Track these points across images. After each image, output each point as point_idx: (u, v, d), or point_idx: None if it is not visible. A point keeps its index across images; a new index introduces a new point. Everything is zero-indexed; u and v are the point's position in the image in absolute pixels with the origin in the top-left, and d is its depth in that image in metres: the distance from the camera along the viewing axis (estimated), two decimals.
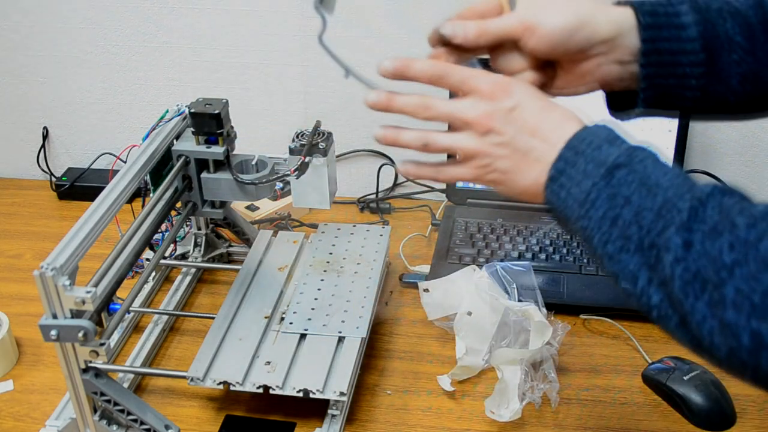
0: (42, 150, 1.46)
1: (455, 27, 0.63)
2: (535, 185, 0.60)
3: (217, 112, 0.98)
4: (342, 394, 0.88)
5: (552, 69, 0.66)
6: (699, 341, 0.50)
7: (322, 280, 1.05)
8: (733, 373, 0.51)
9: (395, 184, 1.40)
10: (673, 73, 0.62)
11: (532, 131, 0.60)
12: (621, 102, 0.67)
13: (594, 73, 0.63)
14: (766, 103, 0.64)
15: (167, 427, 0.86)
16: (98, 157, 1.40)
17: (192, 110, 0.99)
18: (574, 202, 0.57)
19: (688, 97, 0.63)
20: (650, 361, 0.99)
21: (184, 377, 0.89)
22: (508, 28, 0.62)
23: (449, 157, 0.66)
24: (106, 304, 0.82)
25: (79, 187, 1.39)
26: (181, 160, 1.01)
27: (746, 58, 0.62)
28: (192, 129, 1.00)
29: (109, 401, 0.85)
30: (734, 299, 0.47)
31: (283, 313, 0.99)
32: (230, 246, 1.20)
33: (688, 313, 0.50)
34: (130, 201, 0.95)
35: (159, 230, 1.01)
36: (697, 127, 1.27)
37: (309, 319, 0.98)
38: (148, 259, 1.08)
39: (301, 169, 0.98)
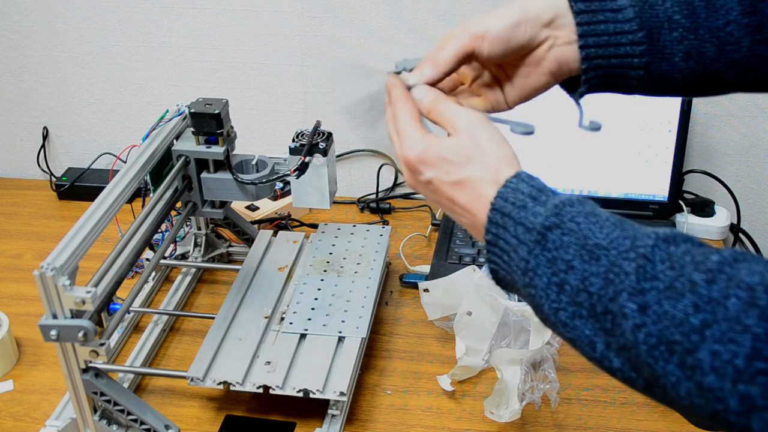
0: (42, 150, 1.46)
1: (414, 76, 0.65)
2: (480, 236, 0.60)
3: (217, 112, 0.98)
4: (342, 394, 0.88)
5: (511, 70, 0.67)
6: (675, 401, 0.48)
7: (322, 280, 1.05)
8: (708, 427, 0.49)
9: (395, 184, 1.40)
10: (615, 54, 0.63)
11: (451, 200, 0.60)
12: (577, 84, 0.67)
13: (548, 57, 0.64)
14: (714, 80, 0.65)
15: (167, 427, 0.86)
16: (98, 157, 1.40)
17: (192, 110, 0.99)
18: (517, 269, 0.55)
19: (632, 77, 0.64)
20: None
21: (184, 377, 0.89)
22: (461, 46, 0.64)
23: None
24: (106, 304, 0.82)
25: (79, 187, 1.39)
26: (181, 160, 1.01)
27: (687, 36, 0.62)
28: (192, 129, 1.00)
29: (109, 401, 0.85)
30: (712, 364, 0.44)
31: (283, 313, 0.99)
32: (230, 246, 1.20)
33: (660, 376, 0.47)
34: (130, 201, 0.95)
35: (159, 230, 1.01)
36: (697, 128, 1.27)
37: (309, 319, 0.98)
38: (148, 259, 1.08)
39: (301, 169, 0.98)
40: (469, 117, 0.61)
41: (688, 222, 1.25)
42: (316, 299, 1.01)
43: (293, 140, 0.99)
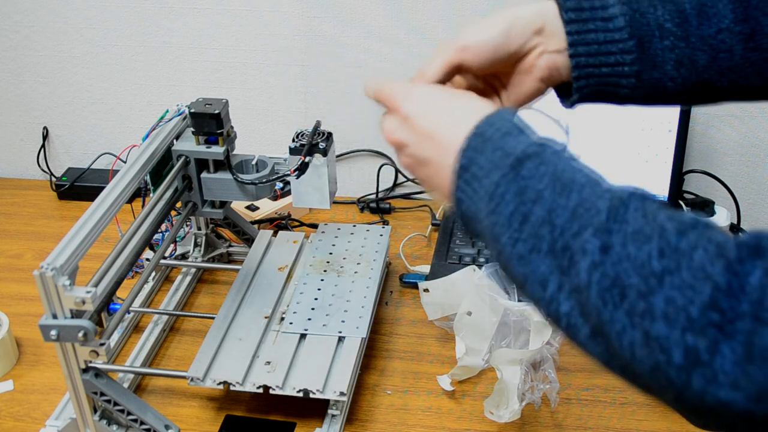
0: (42, 150, 1.46)
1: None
2: (448, 191, 0.58)
3: (217, 112, 0.98)
4: (342, 394, 0.88)
5: (505, 78, 0.67)
6: (615, 354, 0.46)
7: (322, 280, 1.05)
8: (651, 392, 0.48)
9: (395, 184, 1.40)
10: (605, 62, 0.63)
11: (430, 136, 0.59)
12: (569, 91, 0.67)
13: (539, 65, 0.64)
14: (707, 88, 0.64)
15: (167, 427, 0.86)
16: (98, 157, 1.40)
17: (192, 110, 0.99)
18: (485, 195, 0.53)
19: (624, 85, 0.64)
20: None
21: (184, 377, 0.89)
22: (447, 59, 0.64)
23: None
24: (106, 304, 0.82)
25: (79, 187, 1.39)
26: (181, 160, 1.01)
27: (678, 44, 0.62)
28: (192, 129, 1.00)
29: (109, 401, 0.85)
30: (665, 310, 0.42)
31: (283, 313, 0.99)
32: (230, 246, 1.20)
33: (606, 322, 0.45)
34: (130, 201, 0.95)
35: (159, 230, 1.01)
36: (696, 128, 1.27)
37: (309, 319, 0.98)
38: (148, 259, 1.08)
39: (301, 169, 0.98)
40: (424, 87, 0.62)
41: None
42: (316, 299, 1.01)
43: (293, 140, 0.99)
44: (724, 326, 0.41)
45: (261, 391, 0.89)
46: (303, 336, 0.96)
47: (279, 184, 1.03)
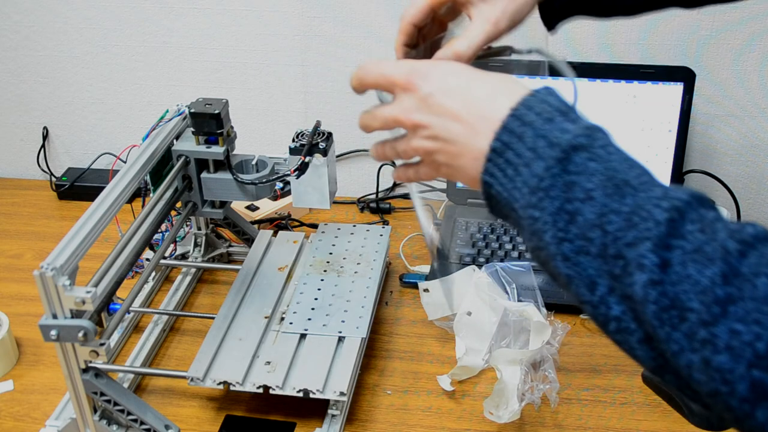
0: (42, 150, 1.46)
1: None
2: (474, 173, 0.54)
3: (217, 112, 0.98)
4: (342, 394, 0.88)
5: None
6: (669, 367, 0.45)
7: (322, 280, 1.05)
8: (709, 408, 0.46)
9: (395, 184, 1.40)
10: None
11: (456, 116, 0.55)
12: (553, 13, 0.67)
13: None
14: None
15: (167, 427, 0.86)
16: (98, 157, 1.40)
17: (192, 110, 0.99)
18: (523, 186, 0.50)
19: None
20: None
21: (184, 377, 0.89)
22: None
23: None
24: (106, 304, 0.82)
25: (79, 187, 1.39)
26: (181, 160, 1.01)
27: None
28: (192, 129, 1.00)
29: (109, 401, 0.85)
30: (729, 343, 0.40)
31: (283, 313, 0.99)
32: (230, 246, 1.20)
33: (662, 340, 0.44)
34: (130, 201, 0.95)
35: (159, 230, 1.01)
36: (697, 128, 1.27)
37: (309, 319, 0.98)
38: (148, 259, 1.08)
39: (301, 169, 0.98)
40: (448, 63, 0.59)
41: None
42: (316, 299, 1.01)
43: (293, 140, 0.99)
44: None
45: (261, 391, 0.89)
46: (303, 336, 0.96)
47: (279, 184, 1.03)
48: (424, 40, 0.69)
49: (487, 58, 0.67)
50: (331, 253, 1.10)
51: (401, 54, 0.67)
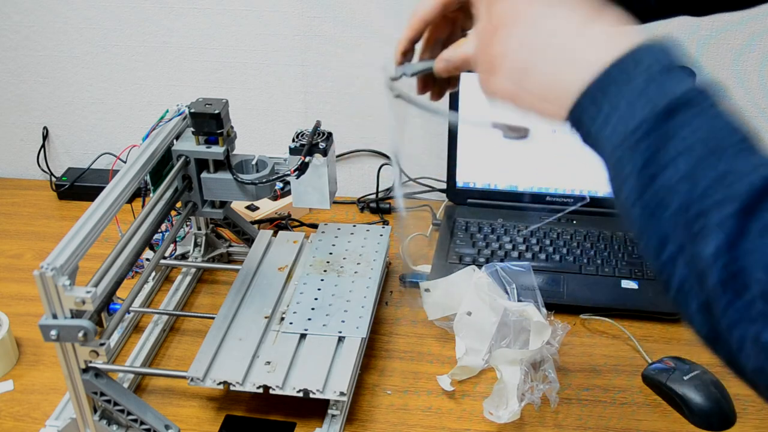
0: (42, 150, 1.46)
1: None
2: (566, 82, 0.50)
3: (217, 112, 0.98)
4: (342, 394, 0.88)
5: None
6: (721, 339, 0.44)
7: (322, 280, 1.05)
8: (753, 386, 0.45)
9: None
10: None
11: (552, 31, 0.52)
12: None
13: None
14: None
15: (167, 427, 0.86)
16: (98, 157, 1.40)
17: (192, 110, 0.99)
18: (620, 125, 0.47)
19: None
20: (650, 361, 0.99)
21: (184, 377, 0.89)
22: None
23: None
24: (106, 304, 0.82)
25: (79, 187, 1.39)
26: (181, 160, 1.01)
27: None
28: (192, 129, 1.00)
29: (109, 401, 0.85)
30: None
31: (283, 313, 0.99)
32: (230, 246, 1.20)
33: (721, 309, 0.42)
34: (130, 201, 0.95)
35: (159, 230, 1.01)
36: None
37: (309, 319, 0.98)
38: (148, 259, 1.08)
39: (301, 169, 0.98)
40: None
41: None
42: (316, 299, 1.01)
43: (293, 140, 0.99)
44: None
45: (261, 391, 0.89)
46: (303, 336, 0.96)
47: (279, 184, 1.03)
48: (428, 42, 0.68)
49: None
50: (331, 253, 1.10)
51: (403, 47, 0.68)
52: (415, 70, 0.67)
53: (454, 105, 1.17)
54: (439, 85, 0.70)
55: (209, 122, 0.99)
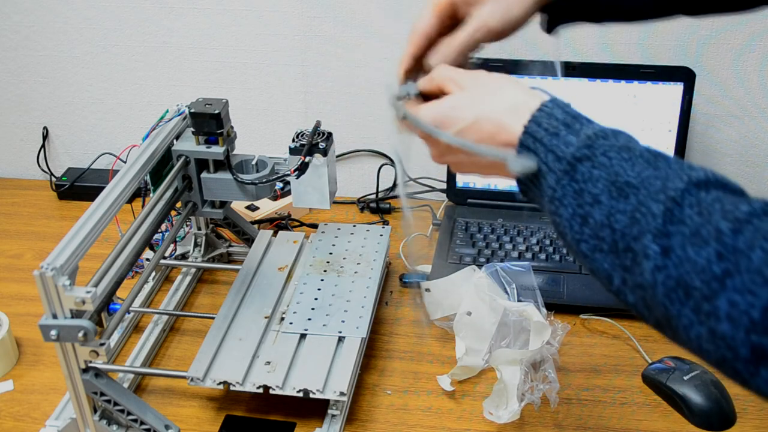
0: (42, 150, 1.46)
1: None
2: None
3: (217, 112, 0.98)
4: (342, 394, 0.88)
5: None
6: (684, 342, 0.50)
7: (322, 280, 1.05)
8: (721, 373, 0.50)
9: (395, 184, 1.40)
10: None
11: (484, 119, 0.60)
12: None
13: None
14: None
15: (167, 427, 0.86)
16: (98, 157, 1.40)
17: (192, 110, 0.99)
18: (544, 196, 0.56)
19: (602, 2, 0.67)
20: (650, 361, 0.99)
21: (184, 377, 0.89)
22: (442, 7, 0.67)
23: None
24: (106, 304, 0.82)
25: (79, 187, 1.39)
26: (181, 160, 1.01)
27: None
28: (192, 129, 1.00)
29: (109, 401, 0.85)
30: (729, 312, 0.45)
31: (283, 313, 0.99)
32: (230, 246, 1.20)
33: (673, 317, 0.48)
34: (130, 201, 0.95)
35: (159, 230, 1.01)
36: (697, 128, 1.27)
37: (309, 319, 0.98)
38: (148, 259, 1.08)
39: (301, 169, 0.98)
40: (475, 72, 0.63)
41: None
42: (316, 299, 1.01)
43: (293, 140, 0.99)
44: None
45: (261, 391, 0.89)
46: (303, 336, 0.96)
47: (279, 184, 1.03)
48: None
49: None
50: (331, 253, 1.10)
51: (406, 65, 0.69)
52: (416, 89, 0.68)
53: None
54: None
55: (209, 122, 0.99)
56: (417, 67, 0.69)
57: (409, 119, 0.64)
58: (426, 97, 0.66)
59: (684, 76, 1.16)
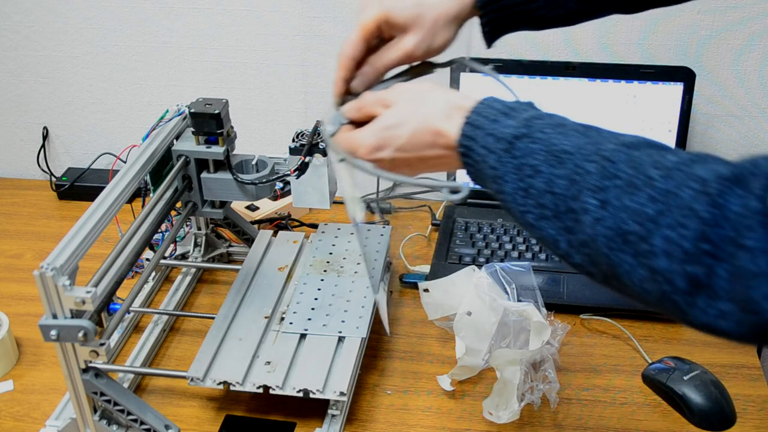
0: (42, 150, 1.46)
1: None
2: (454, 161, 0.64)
3: (217, 112, 0.98)
4: (342, 394, 0.88)
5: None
6: (629, 288, 0.53)
7: (322, 280, 1.05)
8: (653, 308, 0.53)
9: (395, 184, 1.40)
10: None
11: (420, 159, 0.65)
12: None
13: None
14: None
15: (167, 427, 0.86)
16: (98, 157, 1.40)
17: (192, 110, 0.99)
18: (487, 179, 0.60)
19: (533, 9, 0.71)
20: (650, 361, 0.99)
21: (184, 377, 0.89)
22: (369, 24, 0.70)
23: None
24: (106, 304, 0.82)
25: (79, 187, 1.39)
26: (181, 160, 1.01)
27: None
28: (192, 129, 1.01)
29: (109, 401, 0.85)
30: (664, 248, 0.48)
31: (283, 313, 0.99)
32: (230, 246, 1.20)
33: (615, 265, 0.52)
34: (130, 201, 0.95)
35: (159, 230, 1.01)
36: (697, 128, 1.27)
37: (309, 319, 0.98)
38: (148, 259, 1.08)
39: (301, 169, 0.98)
40: (398, 86, 0.68)
41: None
42: (316, 299, 1.01)
43: (293, 140, 0.99)
44: (715, 253, 0.46)
45: (261, 391, 0.89)
46: (303, 336, 0.96)
47: (279, 184, 1.03)
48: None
49: (411, 75, 0.74)
50: (331, 253, 1.10)
51: (339, 89, 0.73)
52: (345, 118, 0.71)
53: None
54: None
55: (209, 122, 0.99)
56: (349, 90, 0.73)
57: (349, 162, 0.68)
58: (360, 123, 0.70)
59: (684, 76, 1.16)
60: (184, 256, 1.17)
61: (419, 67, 0.74)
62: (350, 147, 0.67)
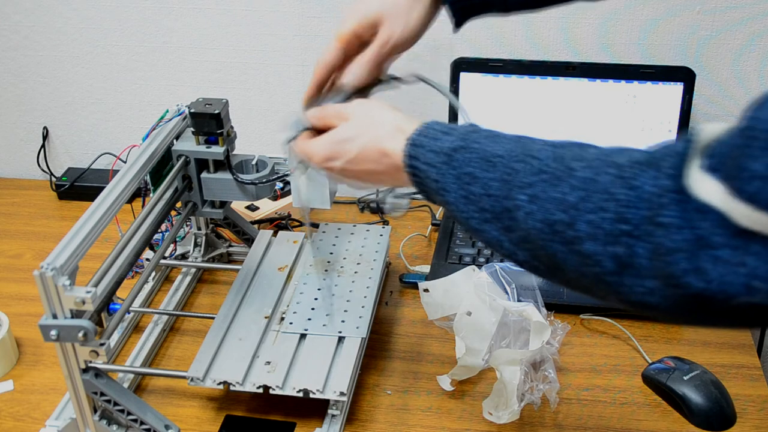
0: (42, 150, 1.46)
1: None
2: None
3: (217, 112, 0.98)
4: (342, 394, 0.88)
5: None
6: (569, 278, 0.55)
7: (324, 279, 1.05)
8: (600, 298, 0.55)
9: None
10: None
11: (369, 172, 0.70)
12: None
13: None
14: None
15: (167, 427, 0.86)
16: (98, 157, 1.40)
17: (192, 110, 0.99)
18: (432, 193, 0.64)
19: None
20: (650, 361, 0.99)
21: (184, 377, 0.89)
22: (344, 32, 0.74)
23: None
24: (106, 304, 0.82)
25: (79, 187, 1.39)
26: (181, 160, 1.01)
27: None
28: (192, 129, 1.01)
29: (109, 401, 0.85)
30: (588, 232, 0.51)
31: (283, 313, 0.99)
32: (230, 246, 1.20)
33: (552, 255, 0.54)
34: (130, 201, 0.95)
35: (159, 230, 1.01)
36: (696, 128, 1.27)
37: (309, 319, 0.98)
38: (148, 259, 1.08)
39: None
40: (356, 103, 0.71)
41: None
42: (316, 299, 1.01)
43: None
44: (633, 232, 0.49)
45: (261, 391, 0.89)
46: (303, 336, 0.96)
47: (279, 184, 1.03)
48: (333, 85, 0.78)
49: (371, 89, 0.78)
50: (331, 253, 1.10)
51: (311, 93, 0.77)
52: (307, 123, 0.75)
53: None
54: None
55: (209, 122, 0.99)
56: (317, 95, 0.77)
57: (303, 166, 0.74)
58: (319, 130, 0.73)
59: (684, 76, 1.16)
60: (184, 256, 1.17)
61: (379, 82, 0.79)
62: (306, 154, 0.72)
